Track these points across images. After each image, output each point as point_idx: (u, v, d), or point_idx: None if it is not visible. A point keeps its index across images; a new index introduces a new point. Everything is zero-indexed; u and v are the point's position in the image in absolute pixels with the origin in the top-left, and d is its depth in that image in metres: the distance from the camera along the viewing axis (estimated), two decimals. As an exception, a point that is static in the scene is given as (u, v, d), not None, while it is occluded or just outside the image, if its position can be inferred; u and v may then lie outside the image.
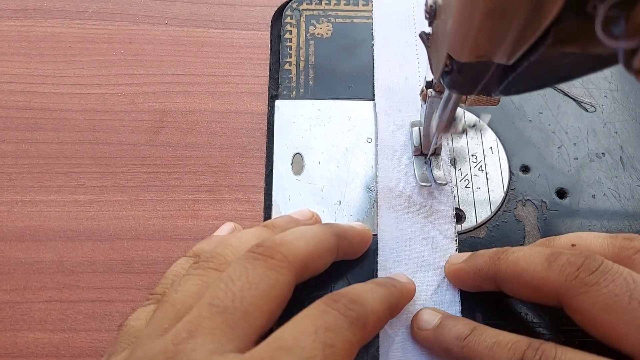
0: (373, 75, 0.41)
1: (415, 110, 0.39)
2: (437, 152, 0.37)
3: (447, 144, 0.39)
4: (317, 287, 0.34)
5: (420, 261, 0.34)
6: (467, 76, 0.26)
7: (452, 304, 0.33)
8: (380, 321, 0.27)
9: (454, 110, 0.31)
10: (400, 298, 0.30)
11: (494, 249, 0.31)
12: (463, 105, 0.31)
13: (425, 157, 0.37)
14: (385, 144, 0.38)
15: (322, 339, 0.24)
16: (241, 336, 0.24)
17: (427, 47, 0.29)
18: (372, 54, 0.42)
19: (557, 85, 0.41)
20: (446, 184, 0.36)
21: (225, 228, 0.35)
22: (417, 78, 0.41)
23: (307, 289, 0.33)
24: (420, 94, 0.32)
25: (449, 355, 0.29)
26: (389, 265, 0.34)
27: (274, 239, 0.28)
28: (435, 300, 0.33)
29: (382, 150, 0.38)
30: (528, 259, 0.29)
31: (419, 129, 0.37)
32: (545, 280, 0.27)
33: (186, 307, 0.26)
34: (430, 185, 0.36)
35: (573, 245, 0.31)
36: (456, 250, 0.35)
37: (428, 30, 0.29)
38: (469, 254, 0.33)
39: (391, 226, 0.35)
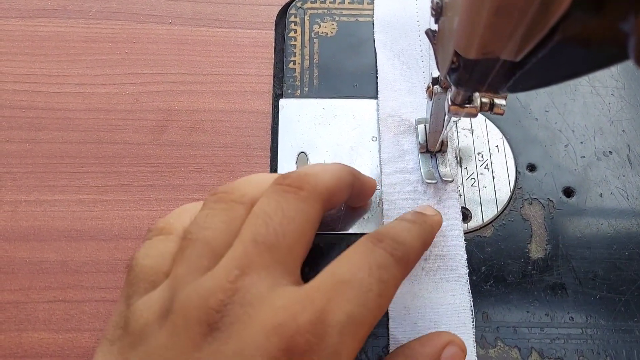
0: (377, 75, 0.41)
1: (421, 107, 0.39)
2: (443, 149, 0.36)
3: (453, 142, 0.38)
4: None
5: (426, 262, 0.34)
6: (473, 73, 0.26)
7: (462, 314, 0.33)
8: (418, 257, 0.28)
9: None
10: (431, 232, 0.31)
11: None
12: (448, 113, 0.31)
13: (432, 155, 0.37)
14: (388, 143, 0.38)
15: (376, 275, 0.25)
16: (291, 270, 0.25)
17: (433, 44, 0.29)
18: (376, 52, 0.42)
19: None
20: (452, 180, 0.36)
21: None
22: (420, 75, 0.41)
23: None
24: (426, 91, 0.32)
25: None
26: None
27: (299, 171, 0.28)
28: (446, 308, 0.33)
29: (385, 151, 0.38)
30: None
31: (425, 126, 0.37)
32: None
33: (222, 245, 0.25)
34: (436, 183, 0.36)
35: None
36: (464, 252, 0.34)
37: (434, 27, 0.29)
38: None
39: None
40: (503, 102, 0.29)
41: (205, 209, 0.27)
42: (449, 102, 0.29)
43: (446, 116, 0.32)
